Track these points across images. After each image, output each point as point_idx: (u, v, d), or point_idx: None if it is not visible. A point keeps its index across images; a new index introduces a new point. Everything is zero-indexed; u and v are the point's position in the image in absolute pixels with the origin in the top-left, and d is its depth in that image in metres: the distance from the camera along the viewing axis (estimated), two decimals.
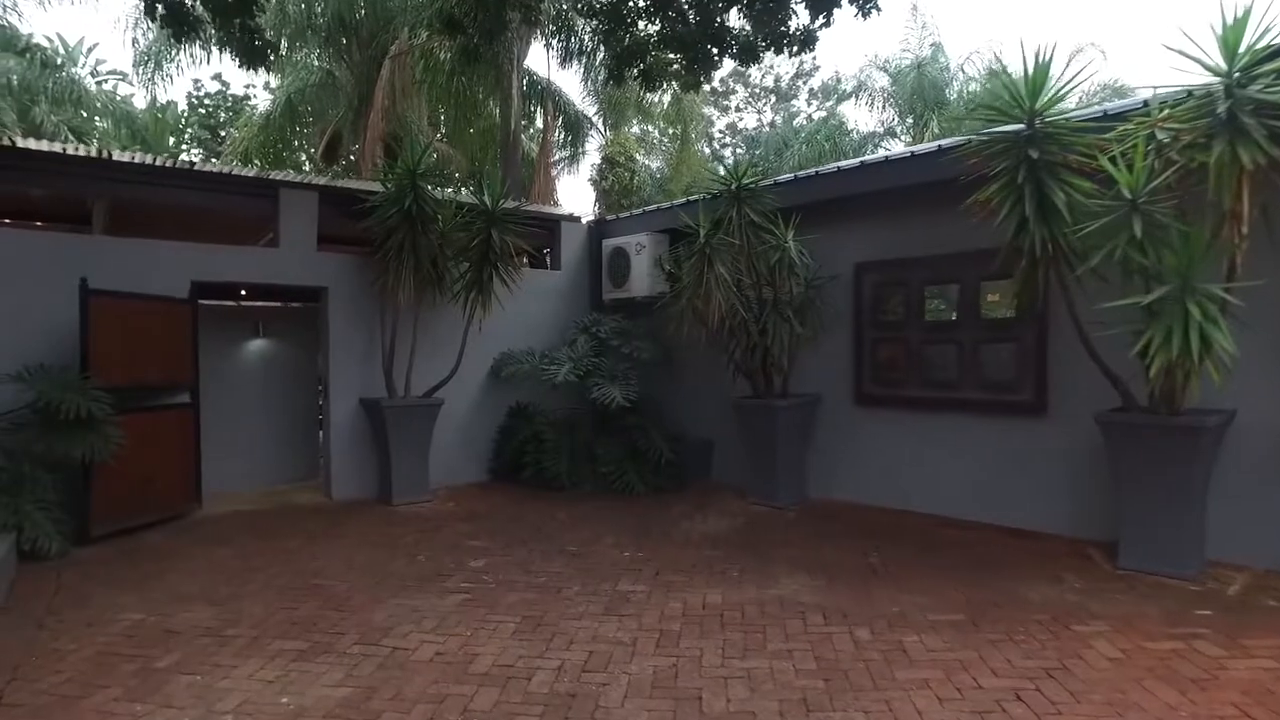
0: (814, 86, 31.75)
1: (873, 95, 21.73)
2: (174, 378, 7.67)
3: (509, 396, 9.83)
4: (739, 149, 30.09)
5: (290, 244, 8.39)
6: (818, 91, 31.51)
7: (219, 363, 9.17)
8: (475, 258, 8.52)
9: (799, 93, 32.04)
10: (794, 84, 32.02)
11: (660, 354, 9.50)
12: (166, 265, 7.71)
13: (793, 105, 31.71)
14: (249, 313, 9.52)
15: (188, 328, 7.81)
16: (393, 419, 8.26)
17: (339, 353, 8.65)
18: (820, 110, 30.73)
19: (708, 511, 8.11)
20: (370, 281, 8.61)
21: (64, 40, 23.26)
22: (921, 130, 19.66)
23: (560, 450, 9.05)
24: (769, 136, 26.72)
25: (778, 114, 31.88)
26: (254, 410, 9.47)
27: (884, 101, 21.62)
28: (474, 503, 8.60)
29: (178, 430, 7.69)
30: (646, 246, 9.61)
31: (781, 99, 32.14)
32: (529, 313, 9.83)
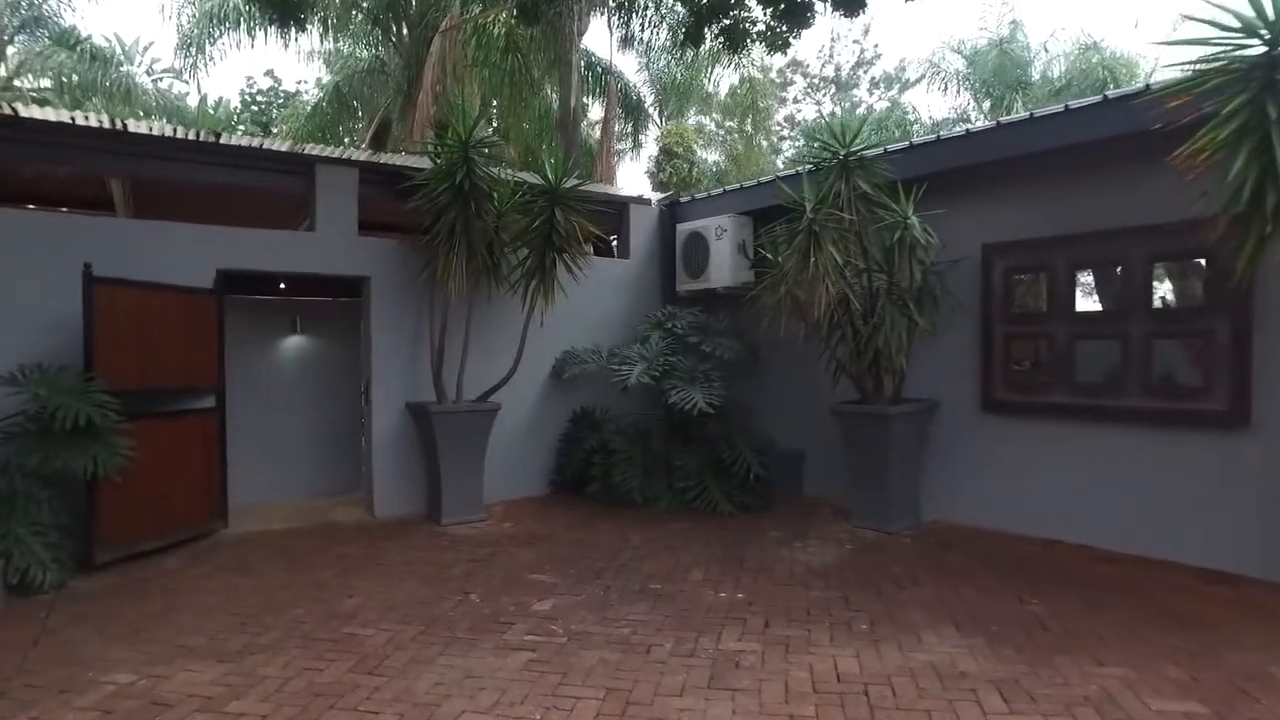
0: (875, 76, 30.17)
1: (946, 79, 20.13)
2: (196, 379, 6.62)
3: (572, 400, 8.64)
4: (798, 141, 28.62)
5: (328, 228, 7.31)
6: (879, 81, 29.93)
7: (250, 362, 8.15)
8: (536, 242, 7.34)
9: (859, 82, 30.43)
10: (854, 73, 30.43)
11: (744, 352, 8.22)
12: (188, 251, 6.68)
13: (853, 95, 30.11)
14: (284, 307, 8.48)
15: (212, 322, 6.76)
16: (443, 427, 7.12)
17: (382, 351, 7.55)
18: (882, 100, 29.23)
19: (807, 537, 6.80)
20: (417, 270, 7.50)
21: (120, 39, 22.88)
22: (1004, 113, 18.05)
23: (632, 462, 7.83)
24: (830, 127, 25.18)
25: (837, 105, 30.31)
26: (289, 415, 8.43)
27: (959, 85, 20.04)
28: (534, 522, 7.42)
29: (200, 439, 6.64)
30: (728, 230, 8.34)
31: (841, 89, 30.55)
32: (594, 307, 8.63)
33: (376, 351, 7.52)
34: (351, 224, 7.45)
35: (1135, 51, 19.33)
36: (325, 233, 7.30)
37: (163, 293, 6.30)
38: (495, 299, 7.85)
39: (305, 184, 7.34)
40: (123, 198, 7.21)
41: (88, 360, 5.71)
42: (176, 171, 6.78)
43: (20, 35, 19.01)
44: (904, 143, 7.23)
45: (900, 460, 6.87)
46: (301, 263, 7.18)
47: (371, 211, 7.69)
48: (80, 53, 16.93)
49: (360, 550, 6.42)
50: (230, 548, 6.51)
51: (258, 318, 8.24)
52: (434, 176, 7.07)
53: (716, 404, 7.50)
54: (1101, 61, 16.22)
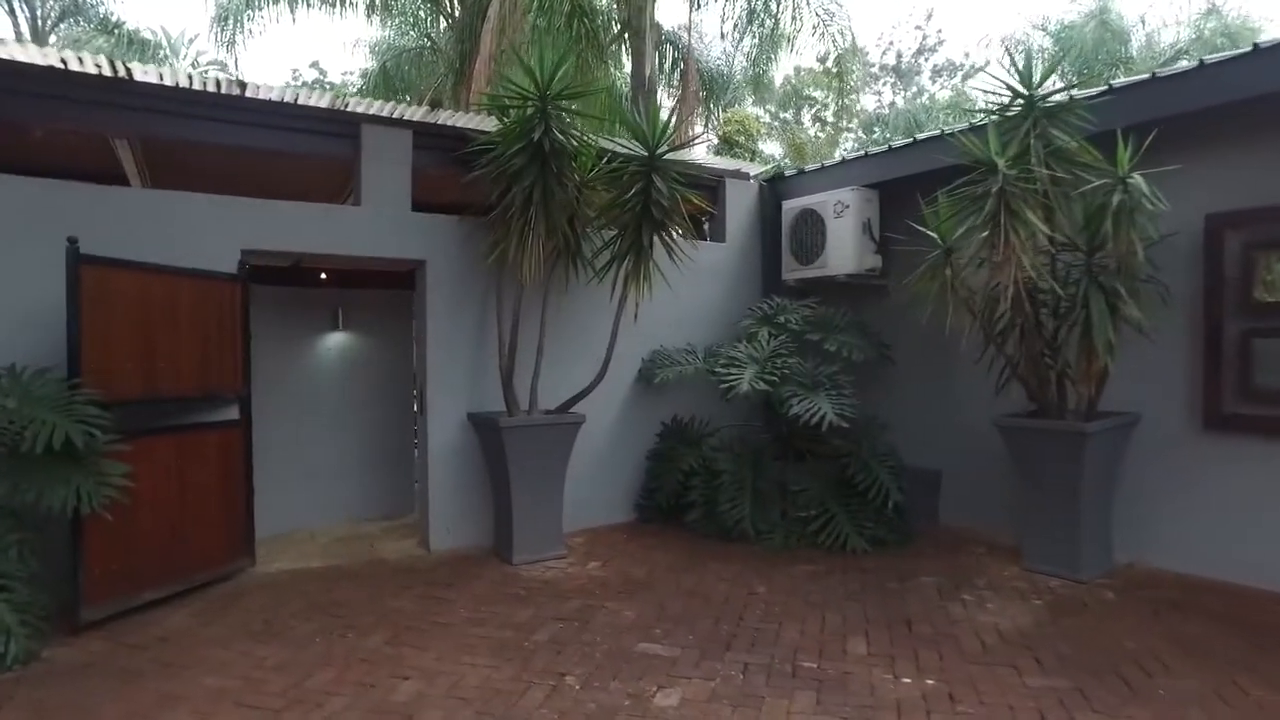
0: (938, 64, 28.31)
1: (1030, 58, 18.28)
2: (215, 385, 5.25)
3: (660, 410, 7.15)
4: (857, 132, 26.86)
5: (376, 202, 5.91)
6: (943, 69, 28.07)
7: (283, 364, 6.78)
8: (629, 218, 5.86)
9: (920, 70, 28.56)
10: (915, 61, 28.56)
11: (873, 352, 6.66)
12: (206, 228, 5.32)
13: (915, 83, 28.26)
14: (324, 299, 7.10)
15: (235, 315, 5.39)
16: (516, 444, 5.67)
17: (439, 351, 6.12)
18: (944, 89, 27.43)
19: (975, 585, 5.23)
20: (483, 253, 6.07)
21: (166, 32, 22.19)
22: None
23: (741, 486, 6.31)
24: (895, 116, 23.51)
25: (897, 95, 28.50)
26: (329, 427, 7.05)
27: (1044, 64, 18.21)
28: (625, 560, 5.93)
29: (220, 459, 5.27)
30: (851, 206, 6.79)
31: (902, 77, 28.71)
32: (684, 298, 7.13)
33: (433, 351, 6.10)
34: (404, 197, 6.04)
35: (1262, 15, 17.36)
36: (373, 207, 5.89)
37: (173, 278, 4.93)
38: (574, 288, 6.39)
39: (348, 149, 5.94)
40: (134, 168, 5.89)
41: (72, 362, 4.35)
42: (192, 131, 5.41)
43: (62, 24, 18.12)
44: (1101, 86, 5.60)
45: (1094, 489, 5.27)
46: (343, 243, 5.78)
47: (426, 189, 6.28)
48: (119, 38, 15.86)
49: (415, 604, 4.99)
50: (255, 596, 5.11)
51: (292, 311, 6.87)
52: (507, 135, 5.63)
53: (849, 415, 5.96)
54: (1221, 28, 14.34)
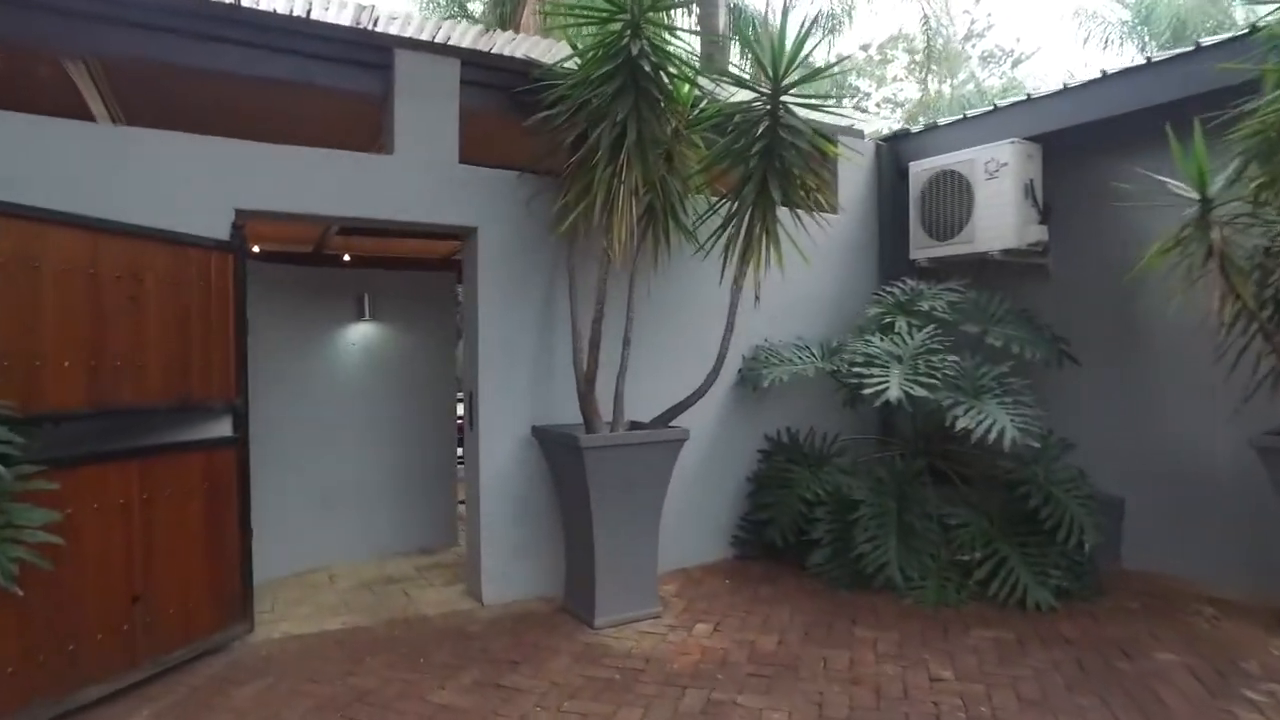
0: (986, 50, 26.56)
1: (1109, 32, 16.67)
2: (197, 390, 3.77)
3: (762, 420, 5.62)
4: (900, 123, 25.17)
5: (413, 149, 4.42)
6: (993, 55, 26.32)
7: (294, 362, 5.31)
8: (747, 172, 4.34)
9: (968, 56, 26.80)
10: (963, 47, 26.81)
11: (1047, 349, 5.08)
12: (186, 178, 3.86)
13: (966, 68, 26.51)
14: (347, 280, 5.62)
15: (227, 297, 3.92)
16: (601, 467, 4.15)
17: (494, 347, 4.62)
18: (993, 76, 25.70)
19: (1248, 672, 3.66)
20: (552, 219, 4.59)
21: None
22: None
23: (885, 522, 4.76)
24: (951, 101, 21.83)
25: (943, 82, 26.75)
26: (354, 440, 5.57)
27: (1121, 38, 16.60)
28: (741, 620, 4.40)
29: (204, 490, 3.79)
30: (1010, 164, 5.22)
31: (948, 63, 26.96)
32: (789, 282, 5.57)
33: (486, 347, 4.60)
34: (449, 145, 4.55)
35: None
36: (409, 156, 4.41)
37: (136, 242, 3.47)
38: (667, 266, 4.88)
39: (379, 83, 4.46)
40: (100, 106, 4.42)
41: None
42: (171, 51, 3.93)
43: None
44: None
45: None
46: (371, 202, 4.30)
47: (473, 144, 4.79)
48: None
49: (472, 698, 3.48)
50: (249, 684, 3.62)
51: (305, 295, 5.39)
52: (589, 57, 4.14)
53: (1037, 431, 4.41)
54: None
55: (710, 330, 5.10)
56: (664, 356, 5.07)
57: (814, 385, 5.50)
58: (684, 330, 5.23)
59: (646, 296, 4.82)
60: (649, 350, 4.94)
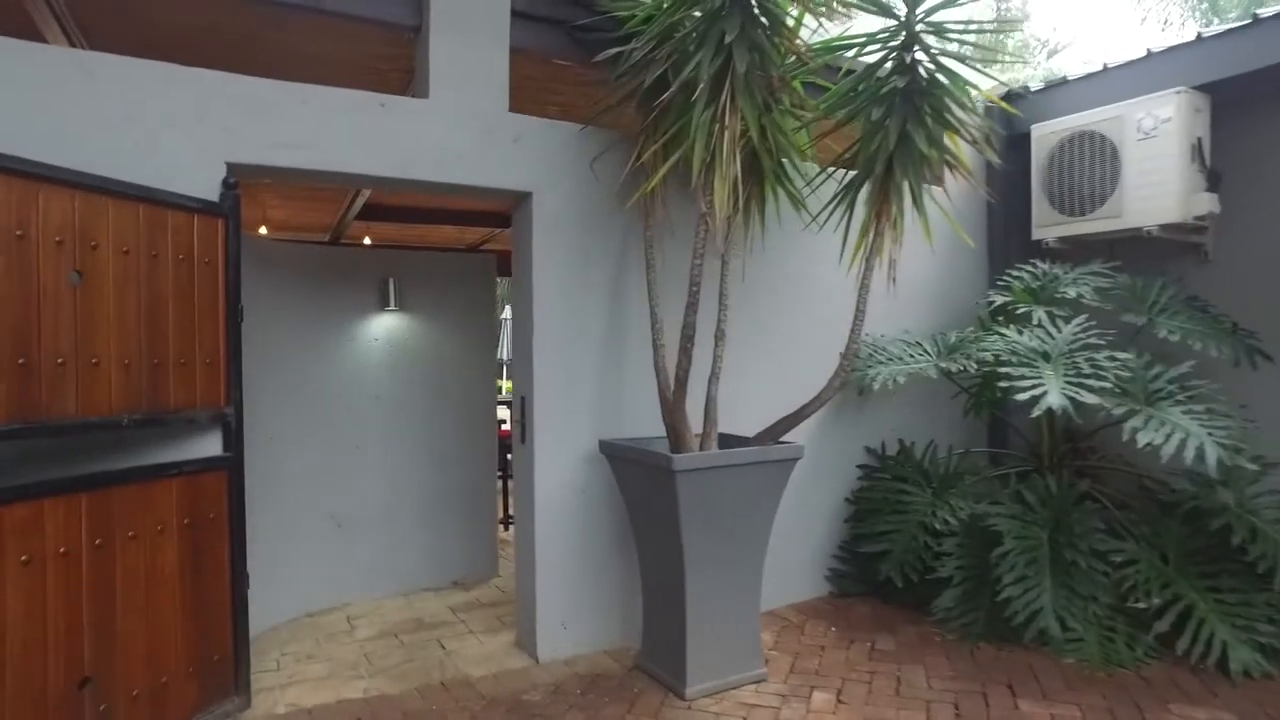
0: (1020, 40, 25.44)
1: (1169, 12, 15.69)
2: (173, 397, 2.79)
3: (861, 430, 4.63)
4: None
5: (453, 94, 3.44)
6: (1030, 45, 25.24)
7: (304, 360, 4.34)
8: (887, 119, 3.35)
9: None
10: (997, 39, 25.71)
11: (1233, 346, 4.05)
12: (163, 119, 2.89)
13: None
14: (368, 261, 4.63)
15: (214, 275, 2.95)
16: (696, 494, 3.15)
17: (552, 343, 3.64)
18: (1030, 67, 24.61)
19: None
20: (624, 182, 3.62)
21: None
22: None
23: (1038, 561, 3.75)
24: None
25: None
26: (376, 453, 4.60)
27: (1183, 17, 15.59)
28: (865, 685, 3.40)
29: (182, 528, 2.82)
30: (1172, 120, 4.20)
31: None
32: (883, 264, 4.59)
33: (542, 344, 3.61)
34: (498, 90, 3.57)
35: None
36: (448, 102, 3.43)
37: (87, 197, 2.50)
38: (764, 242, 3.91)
39: (410, 11, 3.48)
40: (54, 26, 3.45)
41: None
42: None
43: None
44: None
45: None
46: (400, 159, 3.32)
47: (523, 95, 3.84)
48: None
49: None
50: None
51: (317, 278, 4.42)
52: None
53: (1244, 449, 3.40)
54: None
55: (814, 319, 4.18)
56: (758, 353, 4.10)
57: (917, 389, 4.51)
58: (782, 320, 4.27)
59: (740, 280, 3.84)
60: (738, 346, 3.96)
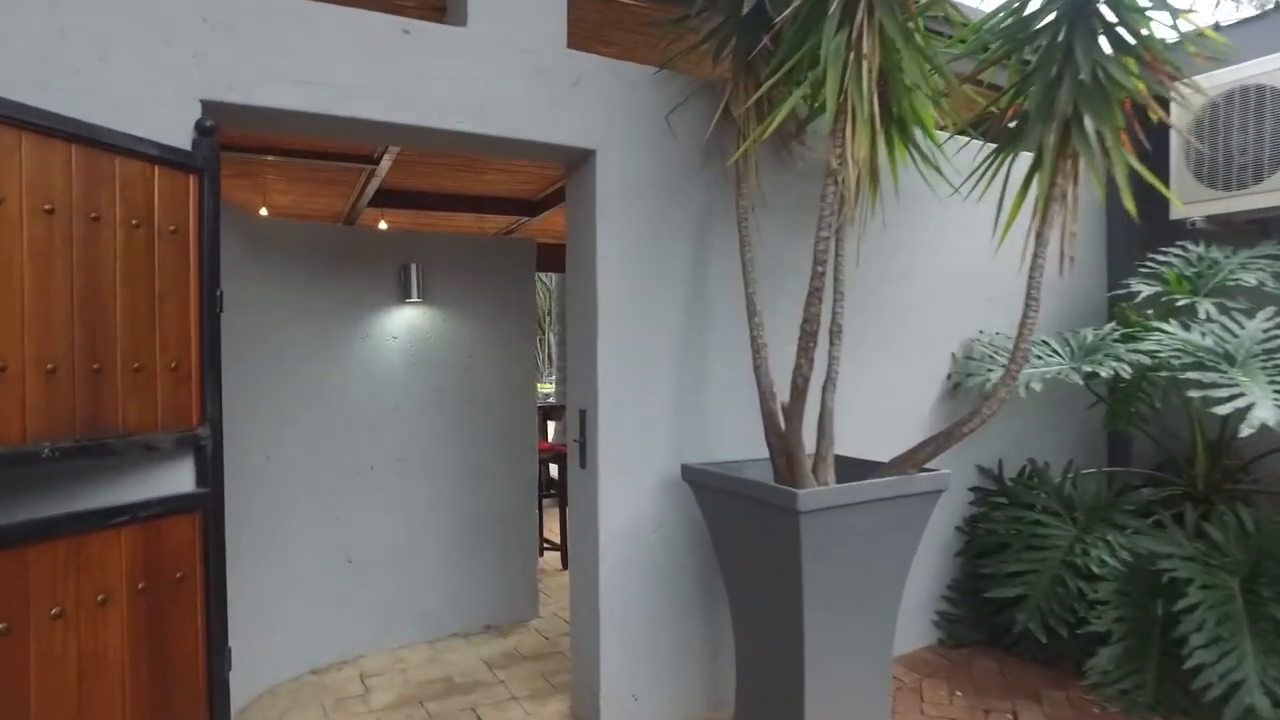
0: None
1: None
2: (122, 416, 1.98)
3: (973, 444, 3.78)
4: None
5: (496, 21, 2.63)
6: None
7: (307, 364, 3.52)
8: (1067, 43, 2.53)
9: None
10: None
11: None
12: (112, 37, 2.08)
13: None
14: (385, 246, 3.81)
15: (184, 249, 2.14)
16: (823, 536, 2.34)
17: (620, 342, 2.82)
18: None
19: None
20: (709, 140, 2.82)
21: None
22: None
23: (1232, 616, 2.91)
24: None
25: None
26: (392, 476, 3.77)
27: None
28: None
29: (135, 596, 2.01)
30: None
31: None
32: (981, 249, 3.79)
33: (609, 343, 2.79)
34: (554, 19, 2.75)
35: None
36: (490, 31, 2.62)
37: None
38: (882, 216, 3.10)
39: None
40: None
41: None
42: None
43: None
44: None
45: None
46: (427, 102, 2.51)
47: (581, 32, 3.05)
48: None
49: None
50: None
51: (323, 264, 3.61)
52: None
53: None
54: None
55: (927, 311, 3.37)
56: (858, 354, 3.28)
57: (1031, 397, 3.68)
58: (888, 312, 3.46)
59: (855, 263, 3.03)
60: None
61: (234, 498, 2.81)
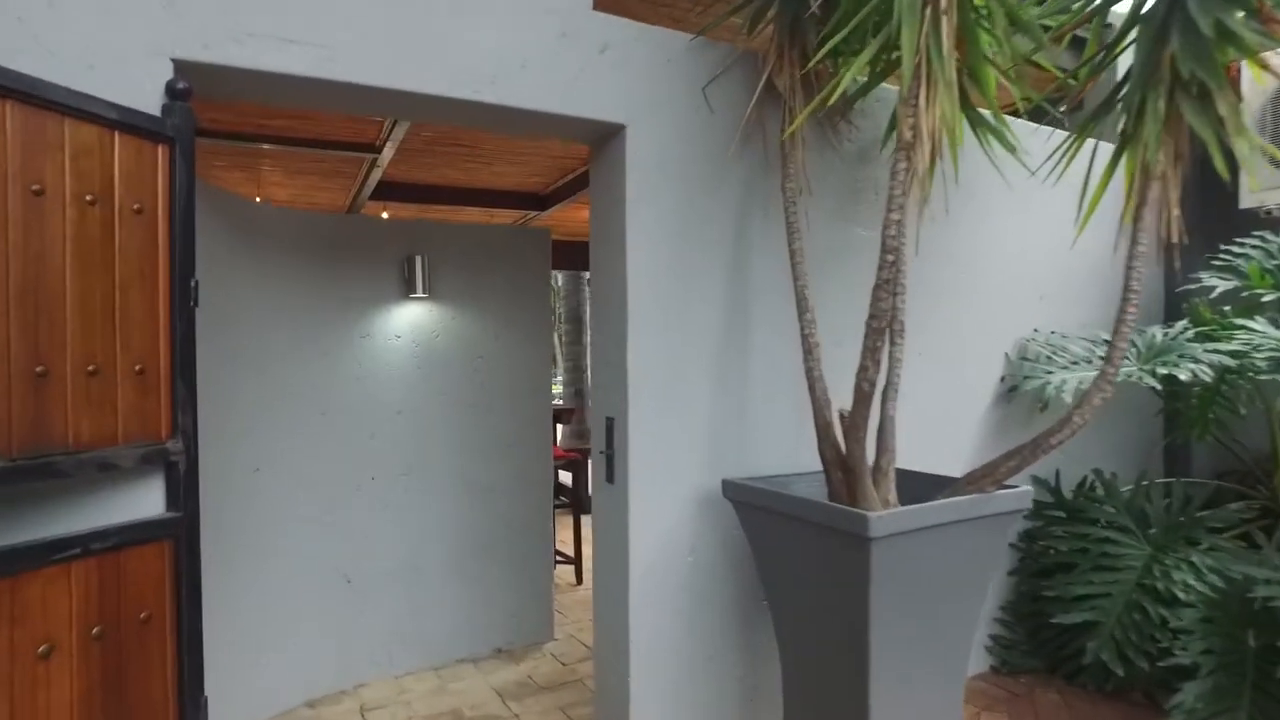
0: None
1: None
2: (73, 428, 1.65)
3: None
4: None
5: None
6: None
7: (301, 366, 3.18)
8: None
9: None
10: None
11: None
12: None
13: None
14: (386, 235, 3.46)
15: (152, 231, 1.80)
16: (893, 565, 2.01)
17: (652, 341, 2.47)
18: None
19: None
20: (749, 115, 2.48)
21: None
22: None
23: None
24: None
25: None
26: (395, 488, 3.44)
27: None
28: None
29: (88, 646, 1.67)
30: None
31: None
32: (1020, 241, 3.46)
33: (640, 342, 2.45)
34: None
35: None
36: None
37: None
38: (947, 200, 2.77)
39: None
40: None
41: None
42: None
43: None
44: None
45: None
46: (434, 68, 2.17)
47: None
48: None
49: None
50: None
51: (318, 255, 3.27)
52: None
53: None
54: None
55: (994, 307, 3.05)
56: (919, 354, 2.94)
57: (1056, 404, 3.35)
58: (943, 308, 3.12)
59: (914, 253, 2.70)
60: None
61: (220, 515, 2.48)
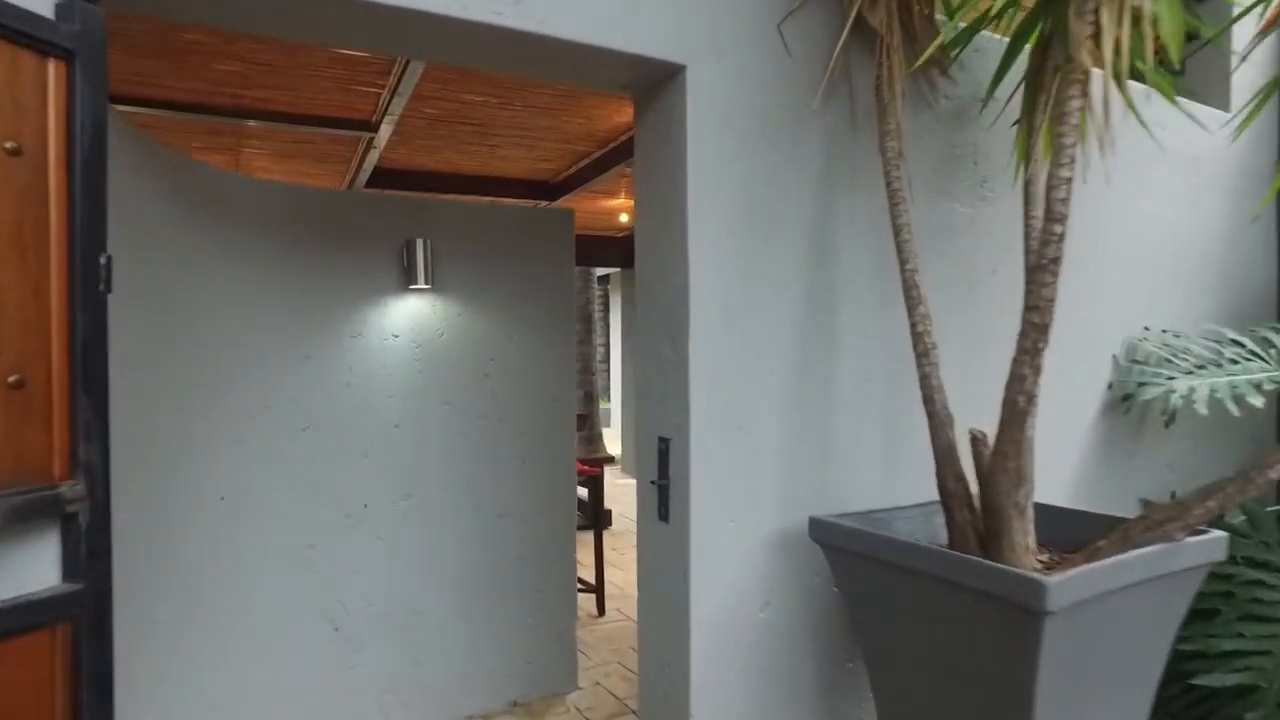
0: None
1: None
2: None
3: (1137, 474, 2.91)
4: None
5: None
6: None
7: (277, 373, 2.62)
8: None
9: None
10: None
11: None
12: None
13: None
14: (384, 216, 2.90)
15: (36, 186, 1.24)
16: (1067, 639, 1.45)
17: (716, 343, 1.91)
18: None
19: None
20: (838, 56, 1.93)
21: None
22: None
23: None
24: None
25: None
26: (389, 518, 2.87)
27: None
28: None
29: None
30: None
31: None
32: (1134, 226, 2.91)
33: (702, 345, 1.90)
34: None
35: None
36: None
37: None
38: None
39: None
40: None
41: None
42: None
43: None
44: None
45: None
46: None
47: None
48: None
49: None
50: None
51: (299, 238, 2.71)
52: None
53: None
54: None
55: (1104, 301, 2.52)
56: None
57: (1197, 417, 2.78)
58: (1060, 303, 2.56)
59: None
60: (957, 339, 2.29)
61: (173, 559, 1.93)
